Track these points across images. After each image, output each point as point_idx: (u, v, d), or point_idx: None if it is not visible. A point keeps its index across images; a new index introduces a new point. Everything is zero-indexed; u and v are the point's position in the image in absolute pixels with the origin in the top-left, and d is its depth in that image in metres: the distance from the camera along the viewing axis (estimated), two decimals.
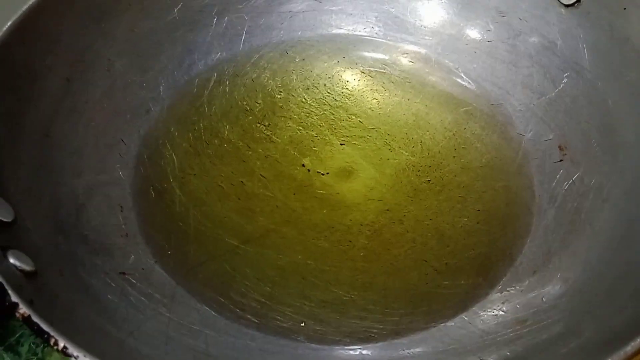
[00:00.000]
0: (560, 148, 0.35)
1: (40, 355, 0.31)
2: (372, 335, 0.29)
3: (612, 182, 0.32)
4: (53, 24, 0.34)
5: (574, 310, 0.27)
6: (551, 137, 0.36)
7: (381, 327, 0.29)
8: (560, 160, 0.35)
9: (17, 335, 0.32)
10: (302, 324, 0.29)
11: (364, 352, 0.28)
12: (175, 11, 0.39)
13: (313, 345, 0.28)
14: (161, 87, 0.38)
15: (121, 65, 0.37)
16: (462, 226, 0.33)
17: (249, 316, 0.29)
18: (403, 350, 0.28)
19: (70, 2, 0.34)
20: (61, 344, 0.20)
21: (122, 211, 0.32)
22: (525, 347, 0.26)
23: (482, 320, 0.29)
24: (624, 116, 0.34)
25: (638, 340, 0.21)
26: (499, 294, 0.30)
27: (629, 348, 0.20)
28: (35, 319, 0.21)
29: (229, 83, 0.40)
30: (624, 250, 0.29)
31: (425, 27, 0.42)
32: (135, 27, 0.38)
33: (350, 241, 0.33)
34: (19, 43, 0.32)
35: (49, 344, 0.20)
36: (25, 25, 0.32)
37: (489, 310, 0.29)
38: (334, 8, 0.42)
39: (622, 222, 0.30)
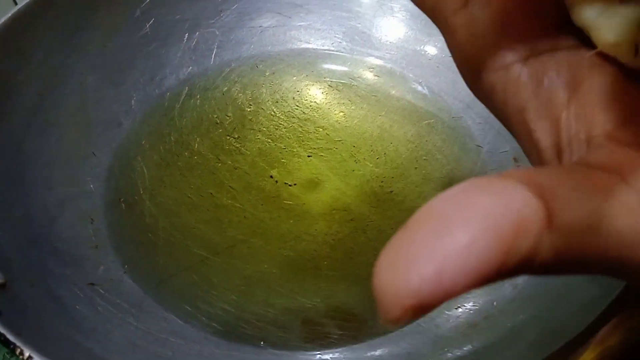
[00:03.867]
0: (515, 159, 0.37)
1: None
2: (333, 340, 0.30)
3: None
4: (27, 39, 0.35)
5: (522, 314, 0.29)
6: (507, 149, 0.37)
7: (341, 333, 0.30)
8: None
9: None
10: (266, 331, 0.30)
11: (324, 357, 0.29)
12: (148, 26, 0.40)
13: (276, 351, 0.30)
14: (133, 101, 0.39)
15: (94, 79, 0.38)
16: None
17: (214, 324, 0.30)
18: (362, 354, 0.30)
19: (44, 18, 0.35)
20: (26, 354, 0.21)
21: (92, 223, 0.33)
22: (474, 350, 0.28)
23: (436, 325, 0.30)
24: None
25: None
26: (454, 300, 0.31)
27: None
28: (1, 329, 0.22)
29: (199, 96, 0.41)
30: None
31: (390, 42, 0.43)
32: (108, 42, 0.39)
33: (315, 250, 0.34)
34: None
35: (15, 354, 0.21)
36: None
37: (443, 315, 0.31)
38: (302, 23, 0.44)
39: None
